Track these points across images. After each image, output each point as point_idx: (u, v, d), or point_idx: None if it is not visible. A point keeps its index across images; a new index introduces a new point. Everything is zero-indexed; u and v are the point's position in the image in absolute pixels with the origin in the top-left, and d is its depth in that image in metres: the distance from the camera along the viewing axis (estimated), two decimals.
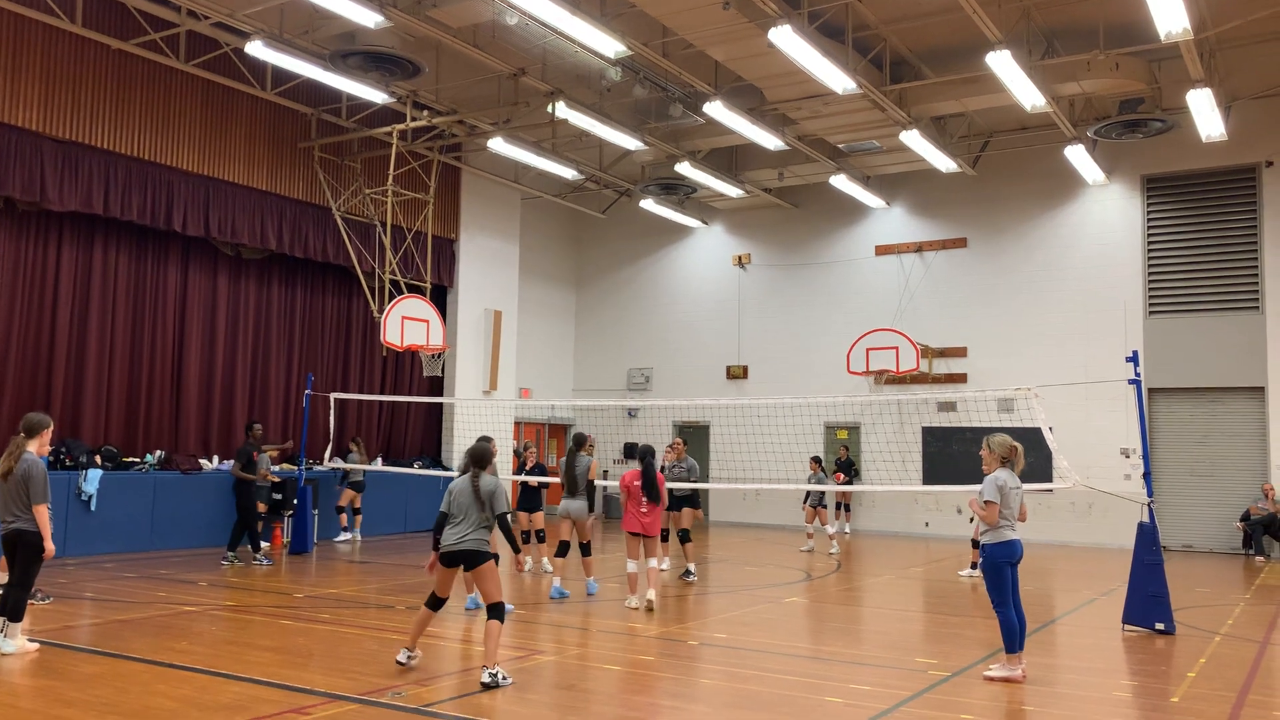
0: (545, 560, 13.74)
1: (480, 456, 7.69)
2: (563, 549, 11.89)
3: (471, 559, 7.42)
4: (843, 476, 20.24)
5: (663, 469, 12.89)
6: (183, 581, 12.16)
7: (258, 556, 14.18)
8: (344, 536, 17.25)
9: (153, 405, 16.69)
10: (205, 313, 17.51)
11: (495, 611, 7.31)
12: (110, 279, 16.16)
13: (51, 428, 8.44)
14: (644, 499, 10.85)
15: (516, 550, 7.83)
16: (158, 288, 16.86)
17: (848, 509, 21.52)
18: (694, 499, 13.71)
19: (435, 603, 7.61)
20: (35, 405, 15.13)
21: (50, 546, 8.02)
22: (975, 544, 13.77)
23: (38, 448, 8.21)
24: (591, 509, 12.19)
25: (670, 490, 12.83)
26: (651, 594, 10.79)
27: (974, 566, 14.05)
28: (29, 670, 7.41)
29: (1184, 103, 16.23)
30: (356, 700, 6.66)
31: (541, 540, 13.71)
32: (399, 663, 7.46)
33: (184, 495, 15.69)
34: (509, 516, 7.55)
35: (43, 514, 7.95)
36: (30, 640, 8.04)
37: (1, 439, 14.58)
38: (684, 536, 13.29)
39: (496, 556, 7.59)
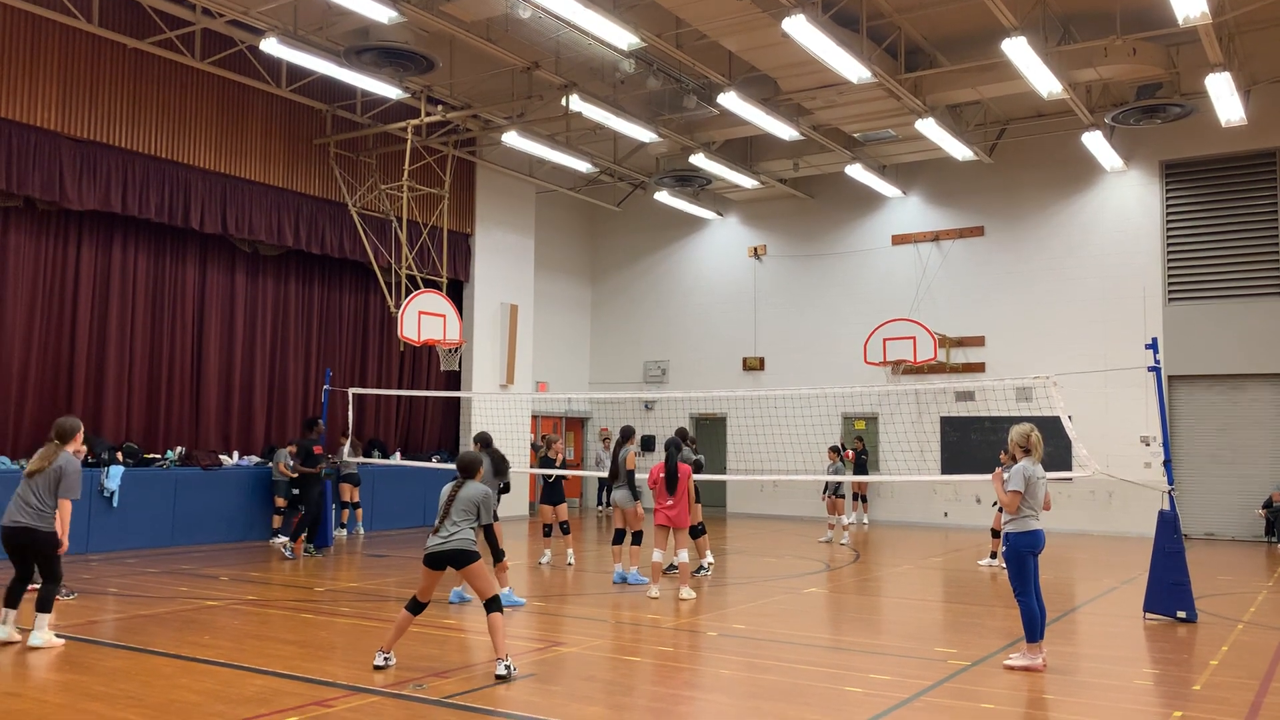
0: (570, 552, 13.79)
1: (467, 465, 7.69)
2: (617, 537, 12.34)
3: (459, 559, 7.32)
4: (850, 455, 20.01)
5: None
6: (205, 576, 12.26)
7: (279, 542, 14.39)
8: (341, 532, 17.19)
9: (173, 402, 16.81)
10: (224, 309, 17.62)
11: (493, 605, 7.28)
12: (129, 277, 16.27)
13: (81, 429, 8.53)
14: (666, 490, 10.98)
15: (499, 558, 8.15)
16: (176, 285, 16.96)
17: (864, 500, 21.46)
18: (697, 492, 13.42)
19: (416, 606, 7.44)
20: (58, 403, 15.28)
21: (64, 541, 8.12)
22: (995, 533, 13.75)
23: (73, 450, 8.31)
24: (636, 497, 12.38)
25: None
26: (686, 591, 10.82)
27: (993, 556, 14.02)
28: (55, 665, 7.49)
29: (1203, 87, 16.09)
30: (378, 693, 6.71)
31: (566, 533, 13.74)
32: (376, 666, 7.30)
33: (205, 491, 15.81)
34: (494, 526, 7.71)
35: (66, 509, 8.04)
36: (57, 635, 8.12)
37: (25, 436, 14.80)
38: (696, 531, 13.09)
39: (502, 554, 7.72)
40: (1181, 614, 9.79)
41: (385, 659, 7.36)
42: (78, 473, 8.15)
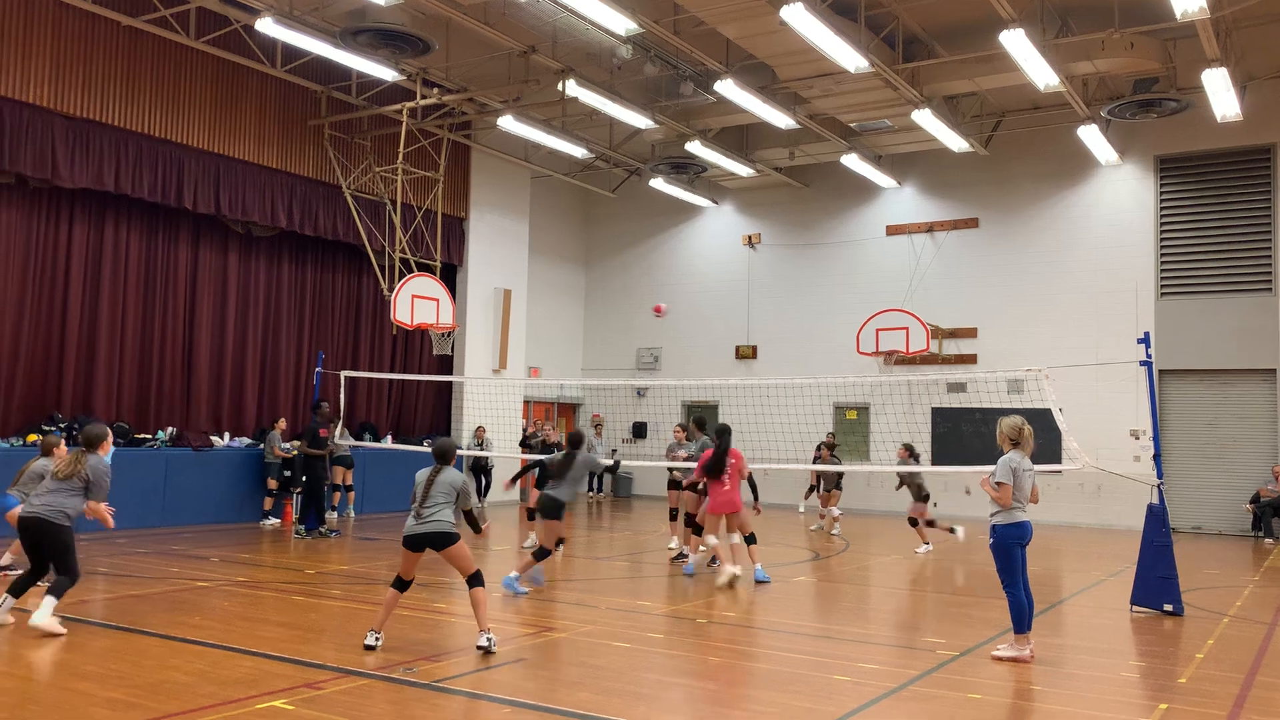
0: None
1: (444, 452, 7.83)
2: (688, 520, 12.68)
3: (439, 541, 7.46)
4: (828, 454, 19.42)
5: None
6: (195, 557, 12.25)
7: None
8: (333, 515, 17.22)
9: (164, 382, 16.76)
10: (216, 290, 17.55)
11: (476, 580, 7.48)
12: (121, 256, 16.20)
13: (110, 435, 8.48)
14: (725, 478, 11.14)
15: (477, 530, 7.95)
16: (169, 265, 16.89)
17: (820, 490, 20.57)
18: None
19: (402, 585, 7.57)
20: (48, 382, 15.23)
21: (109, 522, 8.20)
22: (913, 522, 14.91)
23: (102, 453, 8.26)
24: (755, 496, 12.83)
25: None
26: (738, 569, 10.93)
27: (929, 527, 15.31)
28: (45, 644, 7.48)
29: (1199, 82, 16.10)
30: (368, 675, 6.72)
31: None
32: (367, 645, 7.35)
33: (196, 471, 15.79)
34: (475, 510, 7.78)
35: (100, 509, 8.01)
36: (61, 623, 7.82)
37: (15, 414, 14.75)
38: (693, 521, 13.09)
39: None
40: (1168, 607, 9.84)
41: (376, 638, 7.42)
42: (107, 476, 8.09)
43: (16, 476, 10.03)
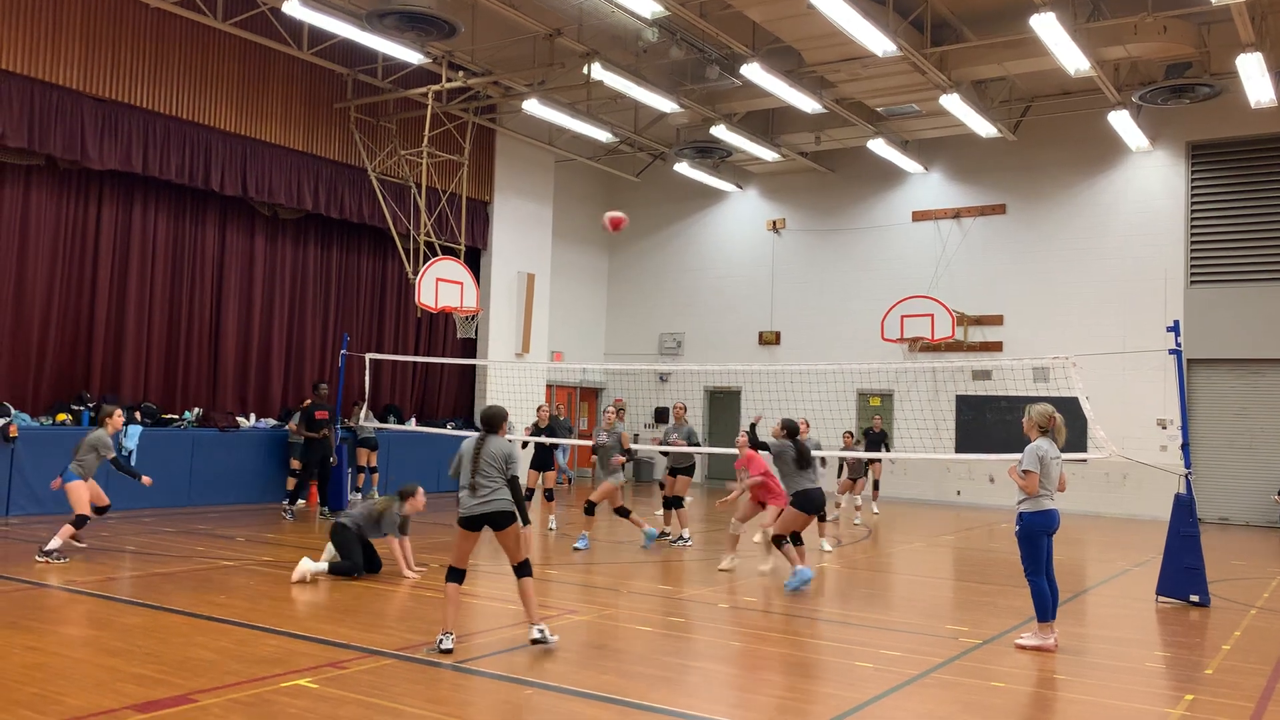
0: (551, 519, 13.98)
1: (491, 419, 7.33)
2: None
3: (500, 520, 7.08)
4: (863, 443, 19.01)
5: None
6: (220, 536, 12.36)
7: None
8: (356, 496, 17.36)
9: (191, 363, 16.90)
10: (242, 272, 17.66)
11: (525, 570, 7.17)
12: (149, 237, 16.32)
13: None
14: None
15: (526, 522, 7.33)
16: (196, 247, 17.01)
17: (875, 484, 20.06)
18: (691, 467, 13.83)
19: (458, 575, 7.09)
20: (77, 361, 15.38)
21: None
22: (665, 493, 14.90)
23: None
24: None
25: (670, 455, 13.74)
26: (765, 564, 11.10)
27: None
28: (75, 620, 7.58)
29: (1233, 67, 15.85)
30: (392, 655, 6.76)
31: (550, 499, 13.99)
32: (442, 649, 6.82)
33: (221, 452, 15.92)
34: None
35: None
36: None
37: (44, 393, 14.90)
38: (679, 503, 13.34)
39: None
40: (1194, 598, 9.76)
41: (452, 640, 6.91)
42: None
43: (75, 449, 10.39)
